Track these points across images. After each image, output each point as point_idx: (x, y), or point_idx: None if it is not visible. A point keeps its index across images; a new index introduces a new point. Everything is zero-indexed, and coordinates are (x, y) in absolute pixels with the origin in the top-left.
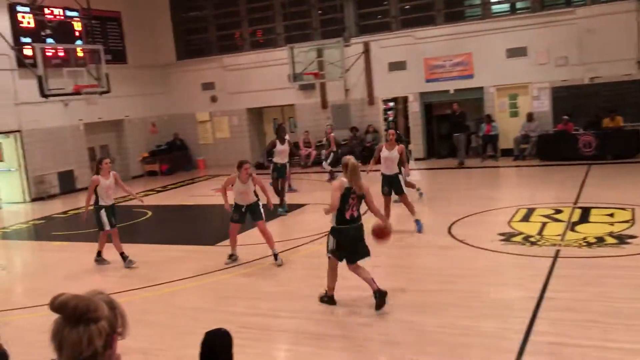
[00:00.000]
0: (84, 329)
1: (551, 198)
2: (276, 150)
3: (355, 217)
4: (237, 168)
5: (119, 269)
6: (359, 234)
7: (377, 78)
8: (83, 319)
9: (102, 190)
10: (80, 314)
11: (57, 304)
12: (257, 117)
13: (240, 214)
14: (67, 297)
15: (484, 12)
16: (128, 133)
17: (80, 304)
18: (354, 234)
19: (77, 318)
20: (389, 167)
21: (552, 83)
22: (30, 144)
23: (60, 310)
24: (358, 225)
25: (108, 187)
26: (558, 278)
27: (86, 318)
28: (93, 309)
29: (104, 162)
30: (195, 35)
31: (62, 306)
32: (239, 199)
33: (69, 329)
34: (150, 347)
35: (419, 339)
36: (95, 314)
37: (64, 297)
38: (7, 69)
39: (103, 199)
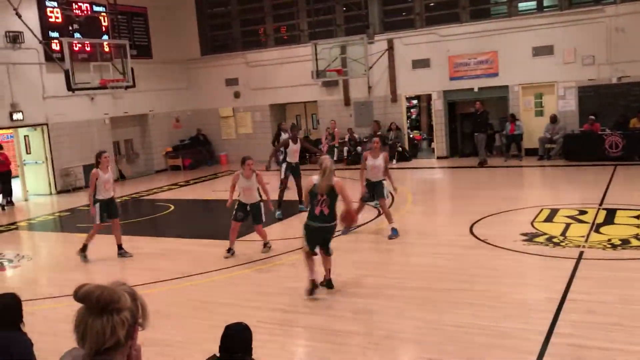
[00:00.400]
0: (107, 319)
1: (576, 199)
2: (289, 150)
3: (326, 214)
4: (240, 164)
5: (141, 261)
6: (328, 233)
7: (401, 75)
8: (106, 309)
9: (100, 183)
10: (104, 304)
11: (81, 294)
12: (280, 113)
13: (244, 213)
14: (91, 288)
15: (510, 10)
16: (152, 127)
17: (104, 294)
18: (319, 230)
19: (100, 308)
20: (375, 174)
21: (578, 82)
22: (56, 137)
23: (84, 300)
24: (326, 225)
25: (106, 181)
26: (581, 280)
27: (109, 309)
28: (116, 300)
29: (103, 155)
30: (219, 31)
31: (86, 296)
32: (244, 197)
33: (93, 318)
34: (170, 339)
35: (438, 337)
36: (118, 305)
37: (87, 287)
38: (36, 62)
39: (100, 192)
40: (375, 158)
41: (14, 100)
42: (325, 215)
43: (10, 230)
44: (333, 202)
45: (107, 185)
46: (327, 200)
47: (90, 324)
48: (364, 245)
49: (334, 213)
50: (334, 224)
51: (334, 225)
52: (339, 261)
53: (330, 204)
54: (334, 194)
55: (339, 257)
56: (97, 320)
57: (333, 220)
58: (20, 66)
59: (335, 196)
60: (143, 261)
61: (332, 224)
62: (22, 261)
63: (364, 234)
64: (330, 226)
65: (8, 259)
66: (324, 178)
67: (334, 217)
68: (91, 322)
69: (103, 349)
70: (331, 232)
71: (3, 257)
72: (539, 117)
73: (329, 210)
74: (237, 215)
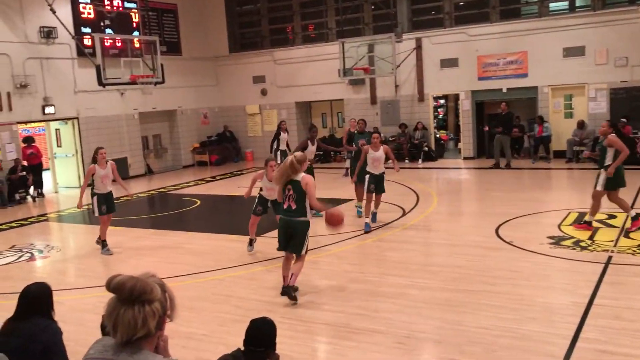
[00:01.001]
0: (138, 309)
1: (605, 203)
2: (307, 151)
3: (293, 209)
4: (264, 165)
5: (166, 255)
6: (291, 228)
7: (428, 75)
8: (138, 300)
9: (97, 178)
10: (136, 295)
11: (114, 285)
12: (306, 111)
13: (263, 208)
14: (124, 279)
15: (541, 10)
16: (180, 123)
17: (137, 286)
18: (285, 225)
19: (133, 299)
20: (376, 167)
21: (610, 84)
22: (86, 131)
23: (117, 291)
24: (292, 220)
25: (104, 176)
26: (609, 285)
27: (141, 299)
28: (149, 291)
29: (100, 151)
30: (247, 28)
31: (119, 287)
32: (266, 193)
33: (124, 309)
34: (194, 332)
35: (459, 338)
36: (150, 296)
37: (120, 278)
38: (68, 57)
39: (98, 187)
40: (376, 151)
41: (47, 94)
42: (292, 210)
43: (40, 221)
44: (300, 197)
45: (104, 180)
46: (293, 195)
47: (122, 314)
48: (386, 245)
49: (303, 209)
50: (301, 220)
51: (301, 221)
52: (361, 259)
53: (297, 199)
54: (300, 190)
55: (361, 255)
56: (129, 310)
57: (300, 216)
58: (53, 61)
59: (302, 192)
60: (168, 255)
61: (297, 219)
62: (52, 252)
63: (387, 233)
64: (294, 221)
65: (38, 250)
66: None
67: (302, 213)
68: (123, 312)
69: (134, 339)
70: (296, 228)
71: (33, 247)
72: (568, 119)
73: (296, 206)
74: (256, 209)
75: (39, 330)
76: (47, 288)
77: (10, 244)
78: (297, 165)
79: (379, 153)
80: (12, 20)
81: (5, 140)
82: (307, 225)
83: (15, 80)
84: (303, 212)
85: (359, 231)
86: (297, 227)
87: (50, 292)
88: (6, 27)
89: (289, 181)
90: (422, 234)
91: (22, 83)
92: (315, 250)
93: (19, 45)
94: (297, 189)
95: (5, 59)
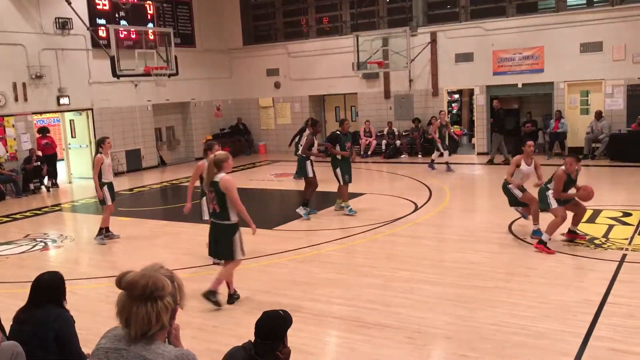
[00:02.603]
0: (152, 305)
1: (620, 200)
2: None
3: (217, 212)
4: None
5: (178, 246)
6: (215, 231)
7: (443, 69)
8: (151, 297)
9: (105, 167)
10: (149, 293)
11: (125, 283)
12: (319, 104)
13: None
14: (136, 277)
15: (559, 5)
16: (193, 115)
17: (149, 284)
18: (212, 228)
19: (146, 297)
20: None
21: (627, 80)
22: (100, 122)
23: (130, 290)
24: (217, 223)
25: (109, 165)
26: (623, 283)
27: (154, 296)
28: (161, 287)
29: (106, 141)
30: (261, 21)
31: (131, 286)
32: None
33: (137, 306)
34: (205, 323)
35: (471, 335)
36: (162, 292)
37: (132, 276)
38: (83, 49)
39: (107, 176)
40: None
41: (62, 85)
42: (217, 213)
43: (54, 211)
44: (221, 200)
45: (110, 169)
46: (215, 197)
47: (136, 311)
48: (398, 240)
49: (226, 212)
50: (224, 224)
51: (224, 225)
52: (373, 254)
53: (218, 202)
54: (220, 192)
55: (373, 249)
56: (142, 307)
57: (223, 219)
58: (68, 52)
59: (222, 194)
60: (181, 246)
61: (222, 223)
62: (65, 242)
63: (399, 228)
64: (219, 224)
65: (52, 239)
66: (210, 172)
67: (226, 216)
68: (136, 310)
69: (149, 334)
70: (220, 233)
71: (47, 237)
72: (584, 116)
73: (220, 209)
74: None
75: (51, 318)
76: (60, 277)
77: (25, 233)
78: (217, 164)
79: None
80: (28, 11)
81: (21, 130)
82: (231, 228)
83: (31, 71)
84: (225, 215)
85: (371, 225)
86: (221, 231)
87: (62, 281)
88: (22, 18)
89: (210, 182)
90: (435, 229)
91: (37, 74)
92: (327, 243)
93: (35, 36)
94: (217, 191)
95: (21, 49)
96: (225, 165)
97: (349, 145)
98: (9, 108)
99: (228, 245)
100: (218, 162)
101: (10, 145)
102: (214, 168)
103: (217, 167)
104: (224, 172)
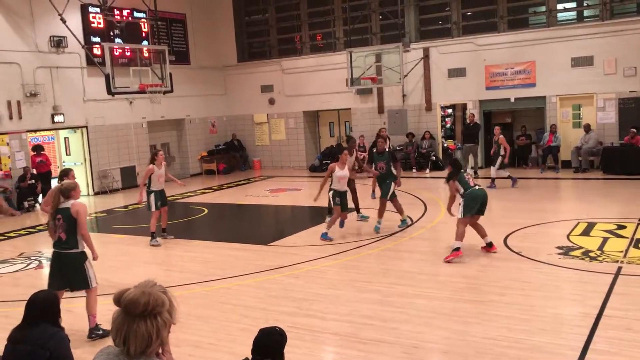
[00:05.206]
0: (151, 322)
1: (614, 213)
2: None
3: (63, 240)
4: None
5: (173, 263)
6: (63, 262)
7: (436, 84)
8: (151, 313)
9: (154, 177)
10: (149, 310)
11: (125, 302)
12: (313, 120)
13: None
14: (136, 295)
15: (549, 20)
16: (188, 132)
17: (150, 302)
18: (56, 259)
19: (145, 314)
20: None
21: (619, 94)
22: (95, 140)
23: (131, 307)
24: (62, 253)
25: (160, 175)
26: (619, 296)
27: (153, 313)
28: (160, 304)
29: (159, 153)
30: (255, 38)
31: (132, 303)
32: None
33: (136, 324)
34: (201, 340)
35: (467, 349)
36: (161, 308)
37: (131, 294)
38: (78, 66)
39: (155, 184)
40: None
41: (56, 103)
42: (62, 241)
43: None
44: (70, 226)
45: (160, 179)
46: (63, 224)
47: (135, 328)
48: (394, 254)
49: (74, 239)
50: (72, 253)
51: (73, 255)
52: (369, 268)
53: (66, 229)
54: (70, 218)
55: (369, 264)
56: (140, 324)
57: (72, 247)
58: (62, 70)
59: (72, 220)
60: (176, 263)
61: (69, 252)
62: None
63: (394, 243)
64: (65, 254)
65: (46, 257)
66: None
67: (74, 244)
68: (136, 327)
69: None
70: (69, 263)
71: (41, 255)
72: (576, 129)
73: (66, 236)
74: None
75: (46, 337)
76: (54, 296)
77: (19, 252)
78: (65, 192)
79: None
80: (23, 29)
81: (15, 148)
82: (80, 257)
83: (25, 89)
84: (74, 243)
85: (366, 240)
86: (70, 262)
87: (57, 299)
88: (17, 37)
89: (57, 209)
90: (430, 244)
91: (32, 92)
92: (323, 259)
93: (30, 54)
94: (67, 218)
95: (16, 67)
96: (74, 194)
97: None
98: (4, 126)
99: (82, 274)
100: (67, 189)
101: (5, 164)
102: (63, 195)
103: (64, 196)
104: (72, 200)
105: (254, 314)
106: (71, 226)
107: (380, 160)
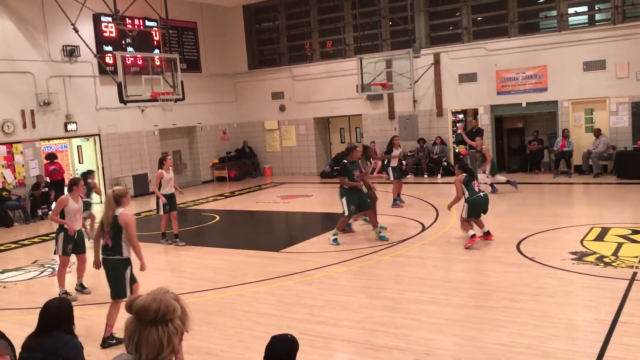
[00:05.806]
0: (162, 329)
1: (628, 218)
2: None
3: (109, 247)
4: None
5: (185, 270)
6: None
7: (447, 89)
8: (163, 320)
9: (164, 182)
10: (161, 316)
11: (137, 308)
12: (324, 126)
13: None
14: (148, 302)
15: (561, 24)
16: (200, 139)
17: (161, 308)
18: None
19: (157, 321)
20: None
21: (632, 98)
22: (108, 147)
23: (142, 314)
24: (109, 258)
25: (169, 179)
26: (635, 301)
27: (165, 319)
28: (172, 310)
29: (167, 158)
30: (266, 45)
31: (143, 310)
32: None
33: (148, 330)
34: (213, 347)
35: (480, 355)
36: (173, 315)
37: (143, 300)
38: (90, 75)
39: (164, 189)
40: None
41: (69, 112)
42: (109, 247)
43: None
44: (117, 234)
45: (169, 183)
46: (110, 232)
47: (147, 335)
48: (406, 260)
49: (119, 246)
50: (117, 259)
51: (117, 260)
52: (381, 275)
53: (113, 236)
54: (117, 226)
55: (381, 271)
56: (152, 331)
57: (116, 254)
58: (75, 79)
59: (119, 228)
60: (188, 270)
61: (113, 258)
62: (72, 267)
63: (406, 249)
64: (110, 259)
65: None
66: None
67: (118, 250)
68: (147, 334)
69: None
70: (112, 267)
71: (55, 262)
72: (589, 134)
73: (112, 243)
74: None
75: (60, 345)
76: (68, 303)
77: (33, 259)
78: (116, 199)
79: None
80: (36, 39)
81: (29, 157)
82: (122, 264)
83: (39, 98)
84: (118, 250)
85: (378, 246)
86: (114, 267)
87: (71, 307)
88: (30, 47)
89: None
90: (442, 250)
91: (45, 101)
92: (335, 265)
93: (43, 64)
94: (115, 226)
95: (30, 77)
96: (124, 201)
97: (358, 174)
98: (18, 135)
99: (115, 282)
100: (118, 196)
101: (19, 172)
102: (113, 202)
103: (117, 202)
104: (122, 207)
105: (266, 320)
106: (117, 234)
107: (356, 169)
